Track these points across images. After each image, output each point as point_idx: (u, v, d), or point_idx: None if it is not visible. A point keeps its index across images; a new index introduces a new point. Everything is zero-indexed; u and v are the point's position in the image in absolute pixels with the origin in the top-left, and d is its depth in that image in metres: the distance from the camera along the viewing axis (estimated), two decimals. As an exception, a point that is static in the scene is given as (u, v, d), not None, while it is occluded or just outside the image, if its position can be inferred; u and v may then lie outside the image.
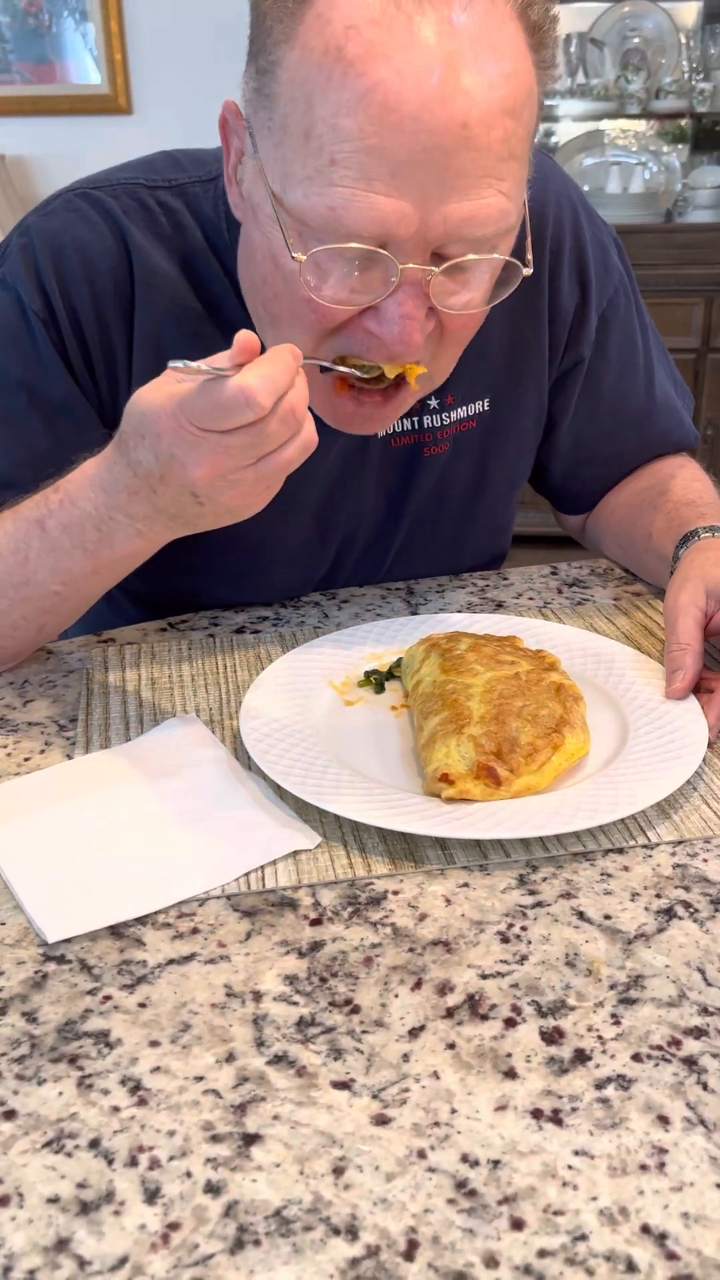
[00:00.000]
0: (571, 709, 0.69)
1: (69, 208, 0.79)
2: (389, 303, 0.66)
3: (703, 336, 2.97)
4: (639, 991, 0.52)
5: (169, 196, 0.81)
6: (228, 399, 0.57)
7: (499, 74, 0.62)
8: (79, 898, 0.57)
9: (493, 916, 0.57)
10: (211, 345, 0.69)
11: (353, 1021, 0.50)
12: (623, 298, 0.95)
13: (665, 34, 3.05)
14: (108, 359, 0.80)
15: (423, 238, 0.64)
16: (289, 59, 0.64)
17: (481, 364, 0.88)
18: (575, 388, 0.95)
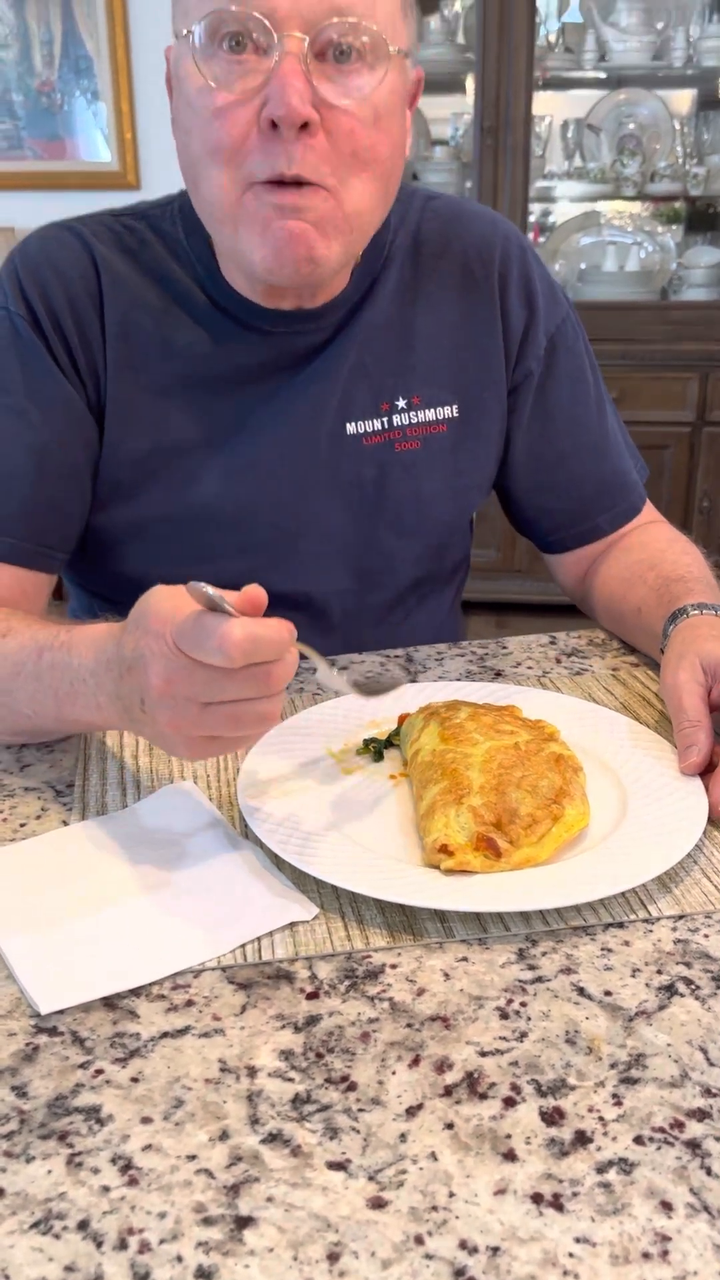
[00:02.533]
0: (571, 780, 0.68)
1: (44, 235, 0.92)
2: (274, 80, 0.74)
3: (698, 410, 3.01)
4: (640, 1071, 0.51)
5: (131, 220, 0.94)
6: (207, 634, 0.58)
7: None
8: (73, 968, 0.56)
9: (492, 992, 0.56)
10: (175, 325, 0.90)
11: (349, 1099, 0.49)
12: (571, 330, 1.02)
13: (660, 120, 3.15)
14: (86, 351, 0.89)
15: (296, 13, 0.73)
16: None
17: (445, 370, 0.96)
18: (527, 400, 1.01)
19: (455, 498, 1.00)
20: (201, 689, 0.60)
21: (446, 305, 0.97)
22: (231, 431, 0.92)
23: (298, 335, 0.91)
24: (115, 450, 0.91)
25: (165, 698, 0.61)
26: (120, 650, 0.65)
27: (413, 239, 0.96)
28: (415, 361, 0.96)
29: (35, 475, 0.88)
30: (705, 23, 2.95)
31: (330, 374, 0.93)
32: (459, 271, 0.97)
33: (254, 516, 0.94)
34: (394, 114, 0.81)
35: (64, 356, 0.89)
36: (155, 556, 0.95)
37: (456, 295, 0.97)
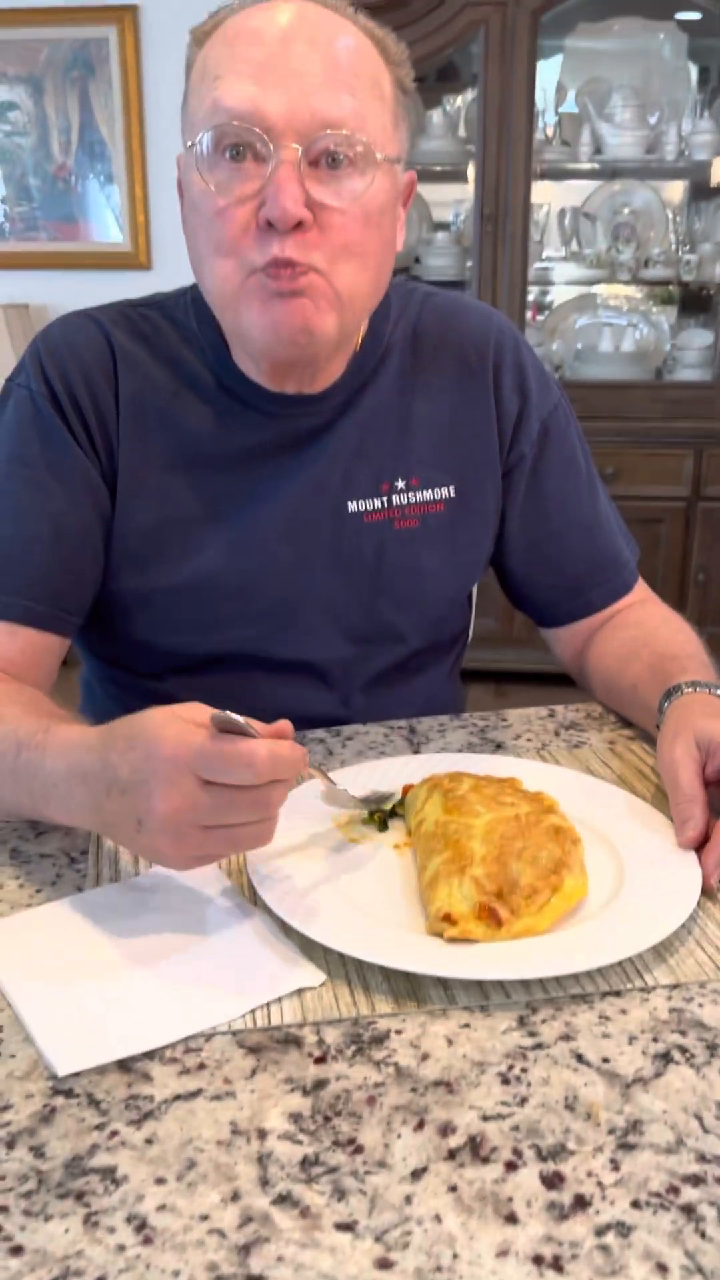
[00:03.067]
0: (570, 851, 0.71)
1: (65, 321, 0.99)
2: (270, 184, 0.80)
3: (693, 486, 3.08)
4: (637, 1137, 0.53)
5: (146, 310, 1.00)
6: (235, 751, 0.61)
7: (337, 24, 0.83)
8: (88, 1031, 0.58)
9: (493, 1057, 0.58)
10: (185, 405, 0.96)
11: (356, 1162, 0.51)
12: (562, 416, 1.07)
13: (653, 209, 3.26)
14: (101, 427, 0.95)
15: (291, 127, 0.80)
16: (195, 61, 0.86)
17: (442, 454, 1.01)
18: (521, 482, 1.05)
19: (452, 573, 1.04)
20: (207, 814, 0.62)
21: (444, 393, 1.02)
22: (236, 506, 0.96)
23: (300, 417, 0.96)
24: (125, 521, 0.96)
25: (170, 824, 0.63)
26: (107, 769, 0.66)
27: (412, 330, 1.02)
28: (414, 445, 1.00)
29: (53, 542, 0.93)
30: (696, 118, 3.07)
31: (332, 455, 0.98)
32: (456, 362, 1.02)
33: (257, 588, 0.98)
34: (384, 213, 0.87)
35: (80, 432, 0.94)
36: (162, 625, 0.99)
37: (453, 384, 1.02)
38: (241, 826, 0.64)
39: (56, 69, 3.33)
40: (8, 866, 0.76)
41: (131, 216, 3.43)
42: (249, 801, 0.62)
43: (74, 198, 3.46)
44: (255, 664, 1.01)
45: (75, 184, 3.44)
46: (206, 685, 1.00)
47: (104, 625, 1.01)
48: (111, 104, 3.34)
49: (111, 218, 3.46)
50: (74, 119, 3.38)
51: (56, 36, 3.29)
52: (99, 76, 3.32)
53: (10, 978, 0.63)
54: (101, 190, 3.44)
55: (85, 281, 3.49)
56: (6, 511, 0.93)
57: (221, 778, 0.62)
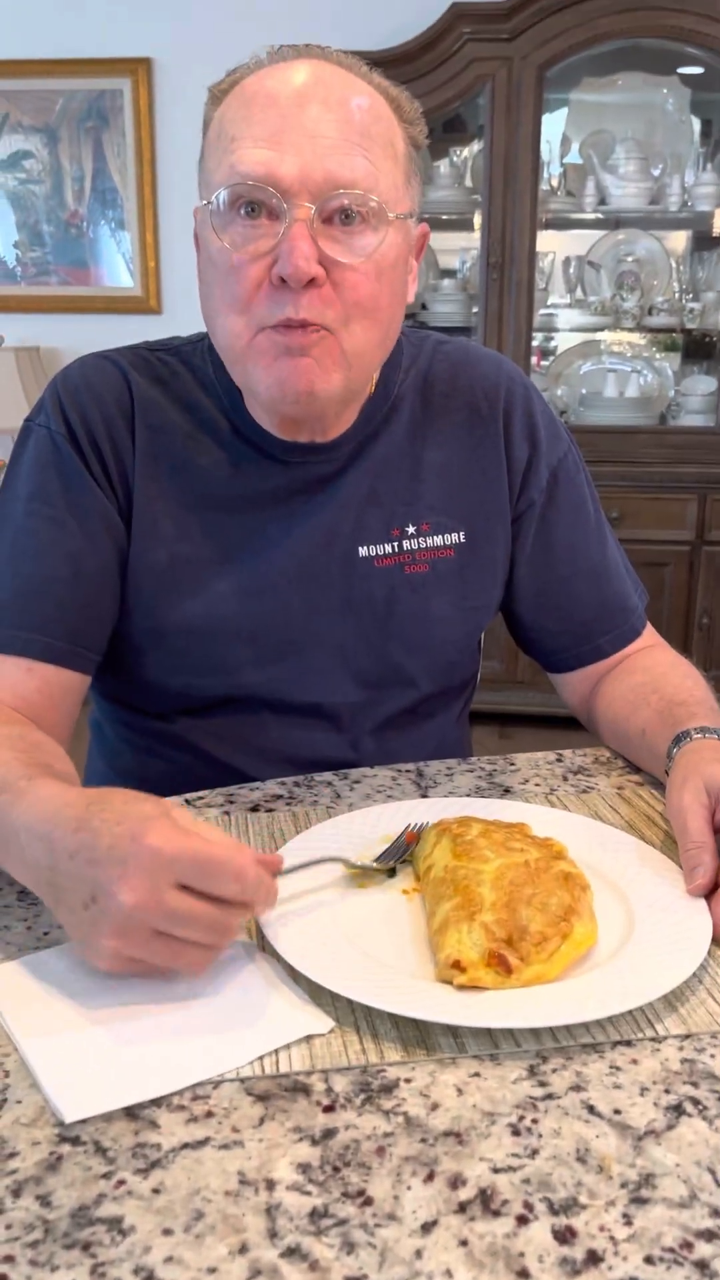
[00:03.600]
0: (579, 898, 0.70)
1: (84, 362, 1.00)
2: (284, 242, 0.82)
3: (697, 530, 3.09)
4: (650, 1191, 0.52)
5: (165, 355, 1.02)
6: (227, 859, 0.61)
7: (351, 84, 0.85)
8: (96, 1078, 0.58)
9: (504, 1108, 0.57)
10: (199, 448, 0.97)
11: (365, 1214, 0.51)
12: (572, 464, 1.08)
13: (657, 258, 3.31)
14: (118, 466, 0.96)
15: (304, 188, 0.81)
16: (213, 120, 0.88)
17: (453, 500, 1.02)
18: (530, 529, 1.06)
19: (462, 618, 1.04)
20: (164, 918, 0.61)
21: (455, 440, 1.03)
22: (247, 550, 0.97)
23: (312, 465, 0.97)
24: (139, 559, 0.96)
25: (123, 914, 0.60)
26: (86, 833, 0.63)
27: (424, 379, 1.03)
28: (424, 491, 1.01)
29: (71, 580, 0.94)
30: (699, 170, 3.13)
31: (343, 501, 0.98)
32: (466, 410, 1.03)
33: (267, 631, 0.98)
34: (396, 268, 0.89)
35: (99, 471, 0.96)
36: (172, 666, 0.99)
37: (464, 431, 1.03)
38: (187, 945, 0.62)
39: (71, 119, 3.40)
40: (16, 908, 0.76)
41: (142, 262, 3.48)
42: (210, 921, 0.61)
43: (86, 243, 3.52)
44: (265, 706, 1.01)
45: (87, 230, 3.50)
46: (216, 727, 1.01)
47: (115, 666, 1.01)
48: (124, 153, 3.41)
49: (122, 263, 3.52)
50: (87, 167, 3.45)
51: (72, 88, 3.36)
52: (112, 126, 3.39)
53: (17, 1022, 0.63)
54: (113, 236, 3.50)
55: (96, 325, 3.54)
56: (26, 549, 0.94)
57: (201, 883, 0.61)
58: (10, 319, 3.53)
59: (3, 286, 3.57)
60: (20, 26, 3.31)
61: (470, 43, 2.92)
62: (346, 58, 0.88)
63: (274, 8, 3.21)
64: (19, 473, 0.97)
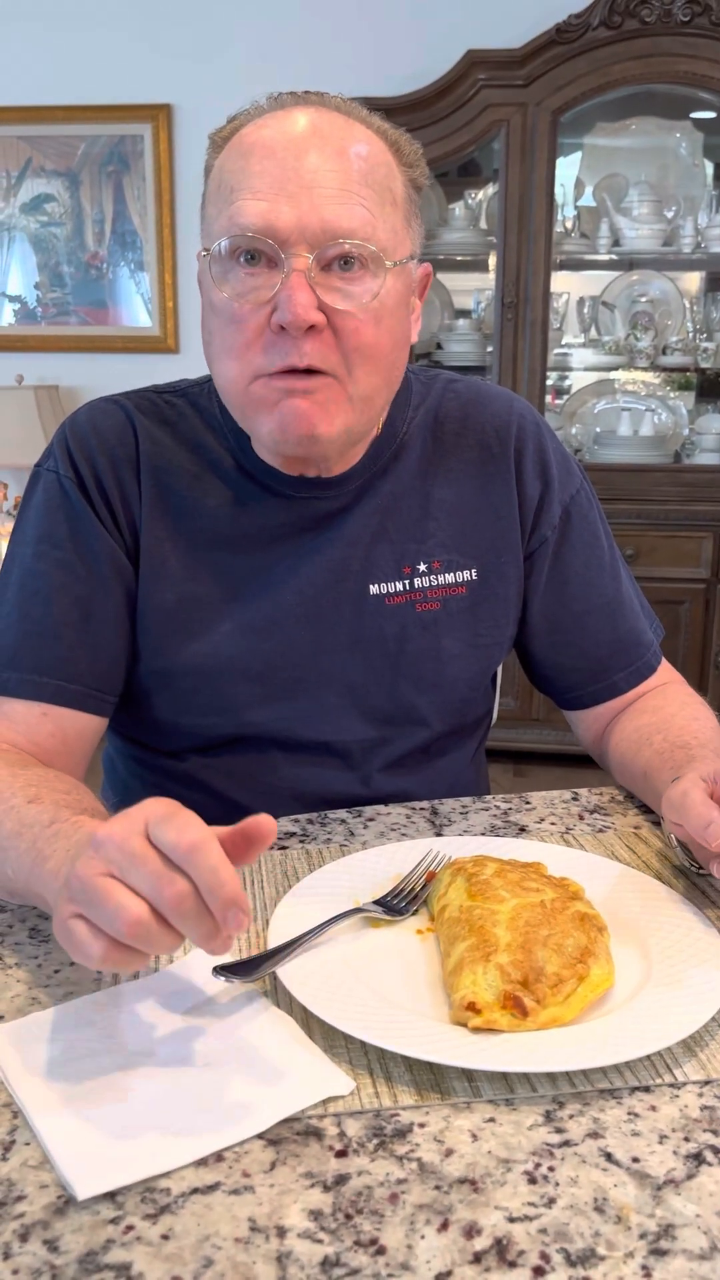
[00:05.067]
0: (596, 939, 0.70)
1: (92, 407, 1.01)
2: (283, 290, 0.83)
3: (712, 568, 3.09)
4: (670, 1242, 0.51)
5: (172, 397, 1.03)
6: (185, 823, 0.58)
7: (350, 131, 0.86)
8: (108, 1150, 0.56)
9: (519, 1155, 0.56)
10: (206, 488, 0.98)
11: (378, 1263, 0.49)
12: (585, 500, 1.08)
13: (671, 299, 3.33)
14: (125, 509, 0.97)
15: (302, 238, 0.82)
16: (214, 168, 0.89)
17: (464, 537, 1.02)
18: (544, 566, 1.06)
19: (475, 656, 1.04)
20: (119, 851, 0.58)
21: (466, 478, 1.03)
22: (255, 588, 0.97)
23: (318, 500, 0.98)
24: (147, 601, 0.97)
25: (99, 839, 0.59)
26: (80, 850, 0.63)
27: (434, 417, 1.03)
28: (436, 529, 1.01)
29: (82, 623, 0.94)
30: (712, 213, 3.16)
31: (351, 538, 0.99)
32: (477, 447, 1.03)
33: (277, 669, 0.98)
34: (396, 312, 0.89)
35: (106, 515, 0.96)
36: (182, 705, 0.99)
37: (475, 469, 1.03)
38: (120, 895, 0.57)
39: (93, 163, 3.46)
40: (26, 945, 0.76)
41: (160, 303, 3.53)
42: (156, 868, 0.57)
43: (105, 284, 3.57)
44: (274, 745, 1.01)
45: (107, 271, 3.55)
46: (227, 766, 1.01)
47: (126, 704, 1.01)
48: (144, 196, 3.46)
49: (141, 303, 3.56)
50: (108, 210, 3.50)
51: (94, 133, 3.43)
52: (133, 170, 3.45)
53: (25, 1090, 0.60)
54: (132, 277, 3.55)
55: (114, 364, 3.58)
56: (38, 593, 0.95)
57: (164, 832, 0.57)
58: (30, 358, 3.57)
59: (24, 326, 3.61)
60: (44, 73, 3.38)
61: (485, 89, 2.96)
62: (346, 103, 0.89)
63: (292, 55, 3.27)
64: (28, 517, 0.98)
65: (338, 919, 0.75)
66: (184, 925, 0.58)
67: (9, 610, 0.95)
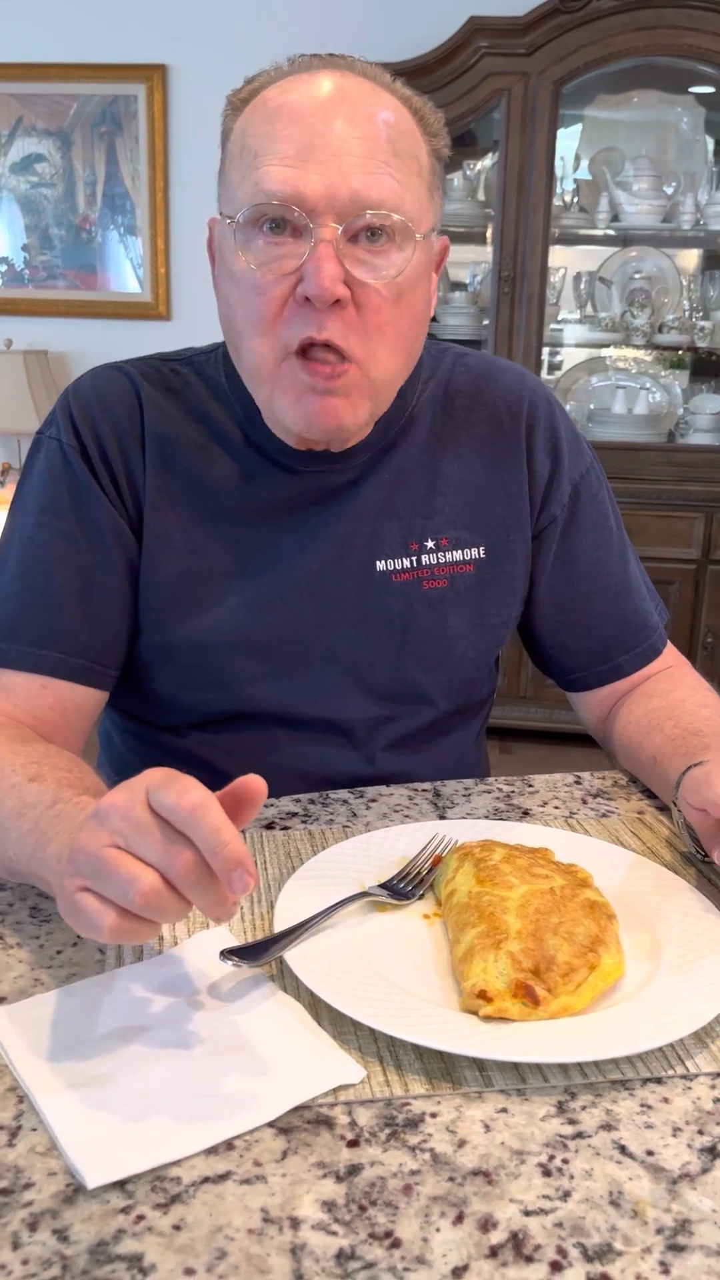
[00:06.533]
0: (606, 928, 0.69)
1: (96, 374, 0.99)
2: (310, 262, 0.80)
3: (703, 549, 3.08)
4: (687, 1237, 0.50)
5: (178, 365, 1.00)
6: (191, 782, 0.58)
7: (376, 97, 0.84)
8: (118, 1138, 0.55)
9: (533, 1146, 0.56)
10: (211, 459, 0.96)
11: (394, 1256, 0.49)
12: (595, 480, 1.07)
13: (668, 276, 3.31)
14: (129, 479, 0.95)
15: (330, 208, 0.80)
16: (234, 130, 0.86)
17: (473, 514, 1.00)
18: (552, 545, 1.05)
19: (481, 635, 1.03)
20: (123, 820, 0.58)
21: (475, 454, 1.01)
22: (260, 562, 0.96)
23: (326, 475, 0.96)
24: (150, 573, 0.95)
25: (102, 811, 0.59)
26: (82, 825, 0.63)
27: (444, 391, 1.02)
28: (444, 505, 1.00)
29: (83, 595, 0.92)
30: (712, 189, 3.13)
31: (359, 512, 0.97)
32: (488, 423, 1.02)
33: (280, 645, 0.97)
34: (419, 287, 0.88)
35: (109, 484, 0.94)
36: (183, 680, 0.97)
37: (485, 445, 1.02)
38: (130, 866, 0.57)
39: (85, 123, 3.40)
40: (28, 925, 0.74)
41: (152, 268, 3.48)
42: (163, 836, 0.57)
43: (95, 248, 3.51)
44: (277, 722, 1.00)
45: (97, 235, 3.50)
46: (228, 743, 0.99)
47: (125, 679, 1.00)
48: (137, 159, 3.40)
49: (131, 269, 3.51)
50: (100, 172, 3.44)
51: (86, 92, 3.36)
52: (126, 132, 3.39)
53: (31, 1075, 0.59)
54: (122, 241, 3.49)
55: (104, 330, 3.53)
56: (38, 563, 0.93)
57: (166, 796, 0.57)
58: (18, 321, 3.52)
59: (11, 289, 3.56)
60: (35, 30, 3.31)
61: (487, 56, 2.92)
62: (370, 68, 0.87)
63: (290, 17, 3.21)
64: (30, 485, 0.96)
65: (344, 903, 0.74)
66: (194, 893, 0.57)
67: (9, 581, 0.93)
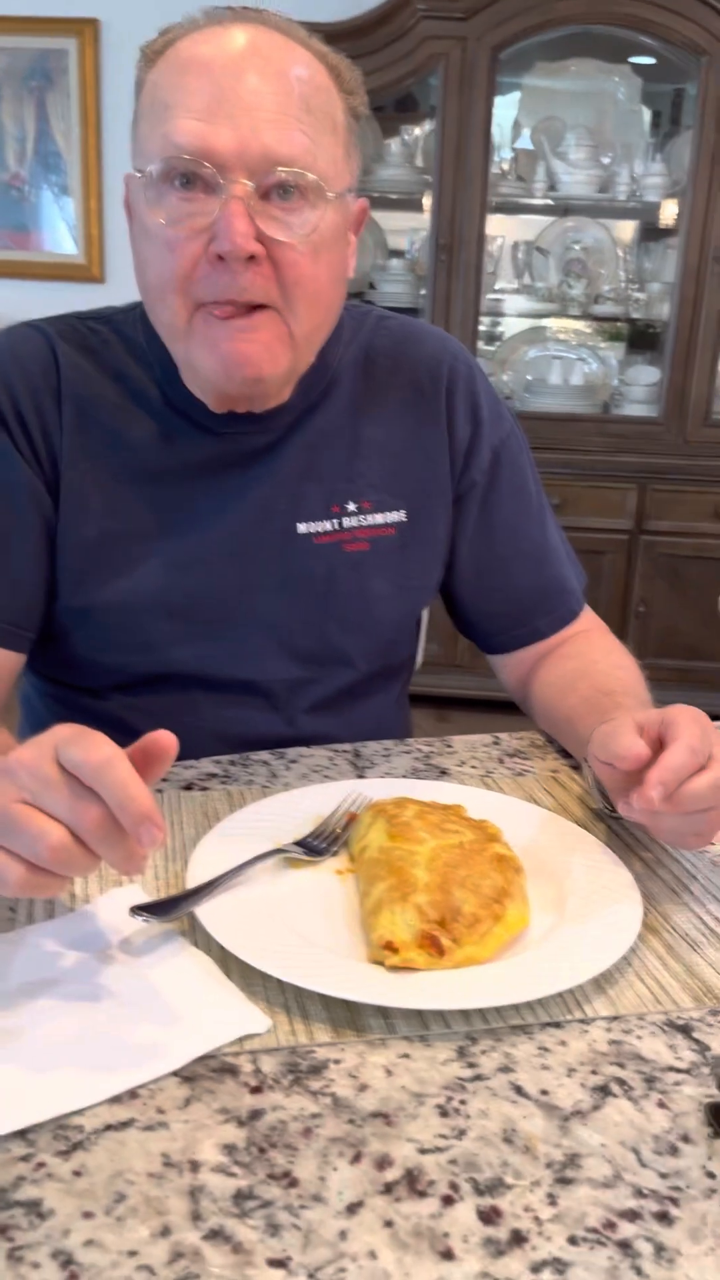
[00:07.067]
0: (512, 880, 0.71)
1: (10, 332, 0.97)
2: (221, 218, 0.80)
3: (635, 520, 3.13)
4: (575, 1171, 0.52)
5: (95, 323, 0.99)
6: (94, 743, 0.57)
7: (290, 52, 0.83)
8: (22, 1087, 0.55)
9: (432, 1089, 0.57)
10: (129, 420, 0.95)
11: (290, 1195, 0.50)
12: (515, 444, 1.08)
13: (605, 247, 3.32)
14: (45, 439, 0.94)
15: (241, 163, 0.79)
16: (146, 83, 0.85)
17: (394, 478, 1.01)
18: (472, 509, 1.06)
19: (402, 598, 1.04)
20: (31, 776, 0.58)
21: (396, 417, 1.02)
22: (180, 523, 0.96)
23: (246, 436, 0.96)
24: (68, 535, 0.94)
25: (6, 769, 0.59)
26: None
27: (365, 354, 1.02)
28: (365, 469, 1.00)
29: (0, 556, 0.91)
30: (648, 161, 3.14)
31: (280, 475, 0.97)
32: (409, 386, 1.02)
33: (201, 607, 0.97)
34: (334, 246, 0.87)
35: (24, 444, 0.93)
36: (103, 642, 0.97)
37: (406, 408, 1.02)
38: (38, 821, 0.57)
39: (14, 78, 3.31)
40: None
41: (85, 229, 3.41)
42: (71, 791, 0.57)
43: (27, 207, 3.43)
44: (197, 684, 1.00)
45: (29, 194, 3.42)
46: (148, 705, 0.99)
47: (44, 641, 0.99)
48: (69, 116, 3.33)
49: (65, 229, 3.44)
50: (30, 129, 3.36)
51: (15, 45, 3.27)
52: (57, 88, 3.31)
53: None
54: (55, 201, 3.42)
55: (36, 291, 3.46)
56: None
57: (72, 751, 0.57)
58: (-53, 282, 3.43)
59: (-60, 248, 3.47)
60: (-37, -21, 3.21)
61: (425, 20, 2.89)
62: (285, 22, 0.86)
63: (226, -26, 3.15)
64: None
65: (258, 860, 0.74)
66: (102, 848, 0.57)
67: None
